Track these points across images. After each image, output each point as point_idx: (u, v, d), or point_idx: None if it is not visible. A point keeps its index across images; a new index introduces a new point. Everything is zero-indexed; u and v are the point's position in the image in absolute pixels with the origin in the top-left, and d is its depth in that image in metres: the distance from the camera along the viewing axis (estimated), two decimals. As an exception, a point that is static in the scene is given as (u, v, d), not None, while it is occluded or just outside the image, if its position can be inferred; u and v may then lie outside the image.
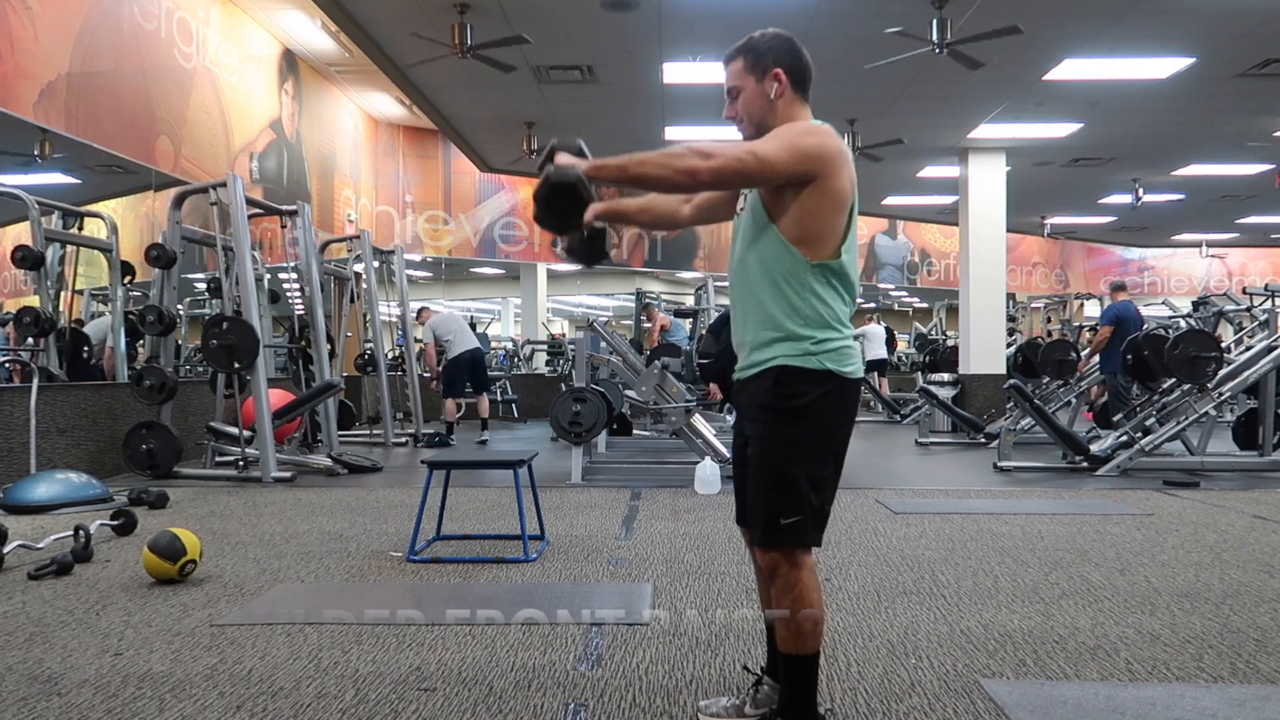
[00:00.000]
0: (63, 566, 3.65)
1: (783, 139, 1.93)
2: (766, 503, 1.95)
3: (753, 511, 2.00)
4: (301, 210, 7.81)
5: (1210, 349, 6.83)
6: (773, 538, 1.95)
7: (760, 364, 1.98)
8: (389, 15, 7.79)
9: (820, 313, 1.96)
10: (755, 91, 2.04)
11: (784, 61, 2.03)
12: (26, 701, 2.33)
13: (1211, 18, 7.53)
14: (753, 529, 2.01)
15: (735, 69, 2.07)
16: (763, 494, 1.96)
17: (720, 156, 1.87)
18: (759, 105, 2.04)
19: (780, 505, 1.94)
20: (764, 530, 1.96)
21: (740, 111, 2.08)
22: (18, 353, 6.73)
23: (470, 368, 9.48)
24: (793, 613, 1.95)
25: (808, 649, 1.97)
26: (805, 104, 2.07)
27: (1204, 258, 20.82)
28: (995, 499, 5.71)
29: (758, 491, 1.97)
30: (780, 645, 2.00)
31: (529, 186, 14.87)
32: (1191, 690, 2.40)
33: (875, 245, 18.42)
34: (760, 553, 2.00)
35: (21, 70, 6.10)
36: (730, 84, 2.09)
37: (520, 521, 3.97)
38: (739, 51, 2.07)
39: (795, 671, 1.99)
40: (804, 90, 2.06)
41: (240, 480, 6.39)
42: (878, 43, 7.67)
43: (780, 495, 1.94)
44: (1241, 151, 12.07)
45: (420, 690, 2.41)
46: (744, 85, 2.05)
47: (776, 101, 2.03)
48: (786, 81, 2.03)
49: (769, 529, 1.95)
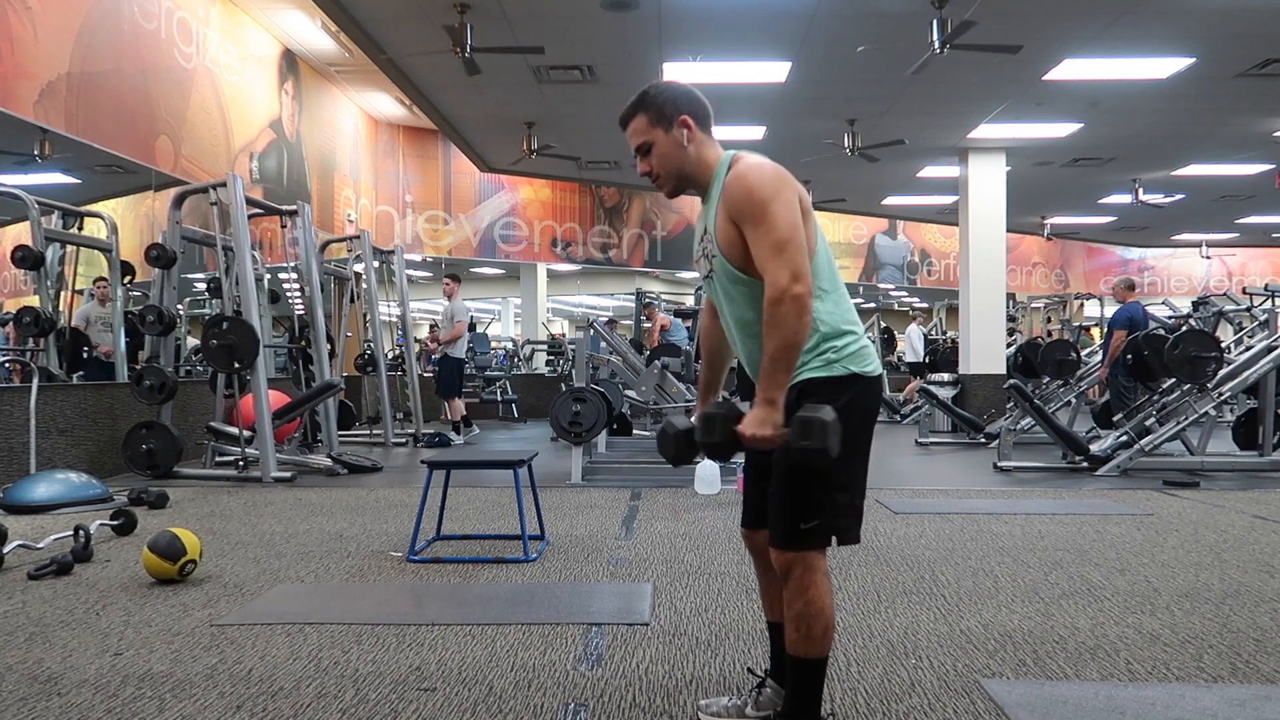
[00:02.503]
0: (63, 566, 3.65)
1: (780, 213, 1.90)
2: (791, 509, 1.95)
3: (773, 516, 1.99)
4: (301, 210, 7.81)
5: (1210, 349, 6.83)
6: (792, 541, 1.96)
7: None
8: (389, 15, 7.79)
9: (829, 319, 1.98)
10: (667, 142, 2.04)
11: (686, 107, 2.04)
12: (26, 701, 2.33)
13: (1211, 18, 7.52)
14: (772, 532, 1.99)
15: (639, 126, 2.06)
16: (788, 500, 1.96)
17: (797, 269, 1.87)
18: (675, 155, 2.04)
19: (803, 511, 1.95)
20: (784, 534, 1.96)
21: (656, 167, 2.07)
22: (18, 353, 6.74)
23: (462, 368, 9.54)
24: (804, 616, 1.95)
25: (817, 653, 1.96)
26: (713, 140, 2.08)
27: (1204, 258, 20.82)
28: (995, 499, 5.71)
29: (782, 496, 1.96)
30: (789, 648, 1.99)
31: (528, 186, 14.88)
32: (1191, 690, 2.40)
33: (875, 245, 18.42)
34: (776, 554, 1.98)
35: (21, 70, 6.10)
36: (639, 141, 2.06)
37: (520, 521, 3.97)
38: (637, 109, 2.06)
39: (803, 674, 1.99)
40: (708, 128, 2.07)
41: (240, 480, 6.39)
42: (878, 43, 7.67)
43: (804, 501, 1.95)
44: (1241, 151, 12.07)
45: (420, 690, 2.41)
46: (654, 139, 2.04)
47: (689, 147, 2.04)
48: (694, 125, 2.04)
49: (789, 533, 1.96)
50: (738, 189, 1.94)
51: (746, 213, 1.92)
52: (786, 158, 10.57)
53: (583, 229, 15.59)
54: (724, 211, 1.96)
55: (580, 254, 15.68)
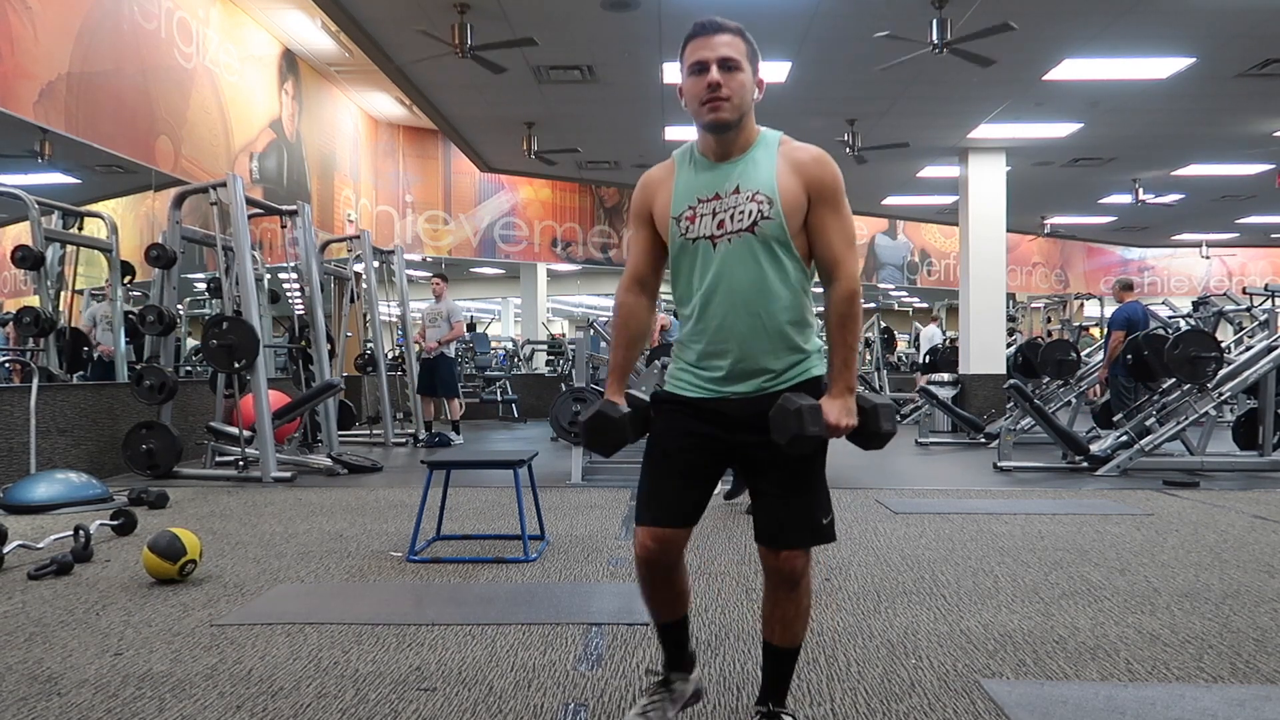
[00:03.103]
0: (63, 566, 3.65)
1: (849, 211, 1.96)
2: (814, 506, 1.97)
3: (791, 519, 1.96)
4: (301, 210, 7.81)
5: (1210, 349, 6.83)
6: (818, 537, 1.97)
7: (794, 378, 1.96)
8: (389, 15, 7.79)
9: (813, 320, 2.00)
10: (750, 81, 1.91)
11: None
12: (26, 701, 2.33)
13: (1211, 18, 7.52)
14: (785, 537, 1.96)
15: (735, 45, 1.89)
16: (811, 499, 1.97)
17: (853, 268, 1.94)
18: (749, 95, 1.91)
19: (824, 506, 1.98)
20: (812, 533, 1.97)
21: (733, 91, 1.87)
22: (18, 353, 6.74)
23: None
24: (807, 609, 2.04)
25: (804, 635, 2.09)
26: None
27: (1204, 257, 20.82)
28: (995, 499, 5.71)
29: (803, 497, 1.96)
30: (792, 640, 2.05)
31: (528, 186, 14.89)
32: (1191, 690, 2.40)
33: (875, 245, 18.42)
34: (790, 556, 1.95)
35: (21, 70, 6.10)
36: (728, 54, 1.87)
37: (520, 521, 3.97)
38: (737, 31, 1.90)
39: (794, 659, 2.10)
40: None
41: (240, 480, 6.39)
42: (878, 43, 7.67)
43: (822, 497, 1.98)
44: (1241, 151, 12.07)
45: (420, 690, 2.41)
46: (744, 67, 1.89)
47: (755, 99, 1.96)
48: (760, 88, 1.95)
49: (817, 531, 1.97)
50: (824, 169, 1.92)
51: (830, 194, 1.91)
52: (786, 158, 10.27)
53: (583, 229, 15.59)
54: (798, 179, 1.90)
55: (580, 254, 15.68)
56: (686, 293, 1.98)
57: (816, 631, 2.88)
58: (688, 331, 2.01)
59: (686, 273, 1.97)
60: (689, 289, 1.97)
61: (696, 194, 1.94)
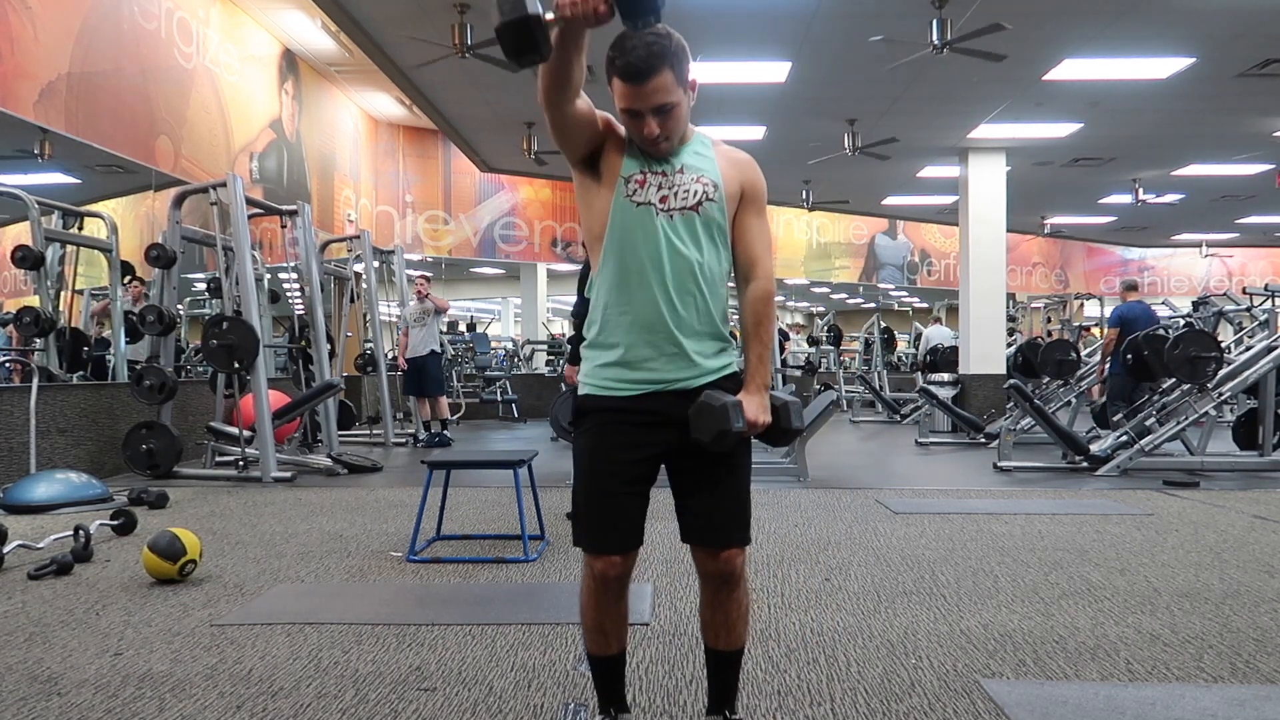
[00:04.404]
0: (63, 566, 3.65)
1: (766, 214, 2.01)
2: (745, 501, 1.96)
3: (729, 517, 1.94)
4: (301, 210, 7.81)
5: (1210, 349, 6.83)
6: (747, 534, 1.96)
7: (716, 370, 1.92)
8: (389, 15, 7.79)
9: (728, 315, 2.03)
10: (686, 104, 1.82)
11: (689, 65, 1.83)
12: (26, 701, 2.33)
13: (1211, 18, 7.52)
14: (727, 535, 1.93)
15: (666, 83, 1.75)
16: (745, 497, 1.96)
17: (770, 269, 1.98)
18: (685, 119, 1.85)
19: (749, 501, 1.98)
20: (747, 529, 1.96)
21: (672, 129, 1.81)
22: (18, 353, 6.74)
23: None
24: (748, 607, 2.02)
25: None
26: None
27: (1204, 257, 20.82)
28: (995, 499, 5.71)
29: (740, 492, 1.95)
30: (738, 642, 2.01)
31: (529, 186, 14.88)
32: (1191, 690, 2.40)
33: (875, 245, 18.42)
34: (733, 555, 1.93)
35: (21, 70, 6.10)
36: (663, 101, 1.76)
37: (520, 521, 3.97)
38: (664, 59, 1.74)
39: (740, 660, 2.06)
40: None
41: (240, 480, 6.39)
42: (878, 43, 7.67)
43: (748, 493, 1.98)
44: (1241, 151, 12.07)
45: (420, 690, 2.41)
46: (678, 100, 1.78)
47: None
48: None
49: (748, 527, 1.96)
50: (757, 173, 1.97)
51: (759, 197, 1.96)
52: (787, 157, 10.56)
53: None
54: (736, 175, 1.91)
55: (580, 254, 15.63)
56: (617, 262, 1.86)
57: (816, 631, 2.89)
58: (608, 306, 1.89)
59: (619, 237, 1.86)
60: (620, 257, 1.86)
61: (648, 163, 1.87)
